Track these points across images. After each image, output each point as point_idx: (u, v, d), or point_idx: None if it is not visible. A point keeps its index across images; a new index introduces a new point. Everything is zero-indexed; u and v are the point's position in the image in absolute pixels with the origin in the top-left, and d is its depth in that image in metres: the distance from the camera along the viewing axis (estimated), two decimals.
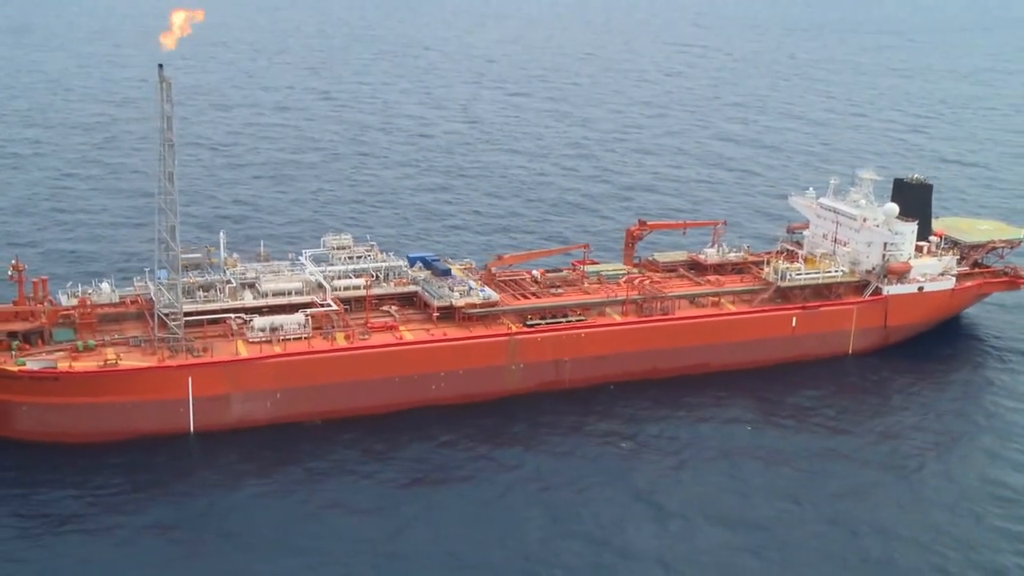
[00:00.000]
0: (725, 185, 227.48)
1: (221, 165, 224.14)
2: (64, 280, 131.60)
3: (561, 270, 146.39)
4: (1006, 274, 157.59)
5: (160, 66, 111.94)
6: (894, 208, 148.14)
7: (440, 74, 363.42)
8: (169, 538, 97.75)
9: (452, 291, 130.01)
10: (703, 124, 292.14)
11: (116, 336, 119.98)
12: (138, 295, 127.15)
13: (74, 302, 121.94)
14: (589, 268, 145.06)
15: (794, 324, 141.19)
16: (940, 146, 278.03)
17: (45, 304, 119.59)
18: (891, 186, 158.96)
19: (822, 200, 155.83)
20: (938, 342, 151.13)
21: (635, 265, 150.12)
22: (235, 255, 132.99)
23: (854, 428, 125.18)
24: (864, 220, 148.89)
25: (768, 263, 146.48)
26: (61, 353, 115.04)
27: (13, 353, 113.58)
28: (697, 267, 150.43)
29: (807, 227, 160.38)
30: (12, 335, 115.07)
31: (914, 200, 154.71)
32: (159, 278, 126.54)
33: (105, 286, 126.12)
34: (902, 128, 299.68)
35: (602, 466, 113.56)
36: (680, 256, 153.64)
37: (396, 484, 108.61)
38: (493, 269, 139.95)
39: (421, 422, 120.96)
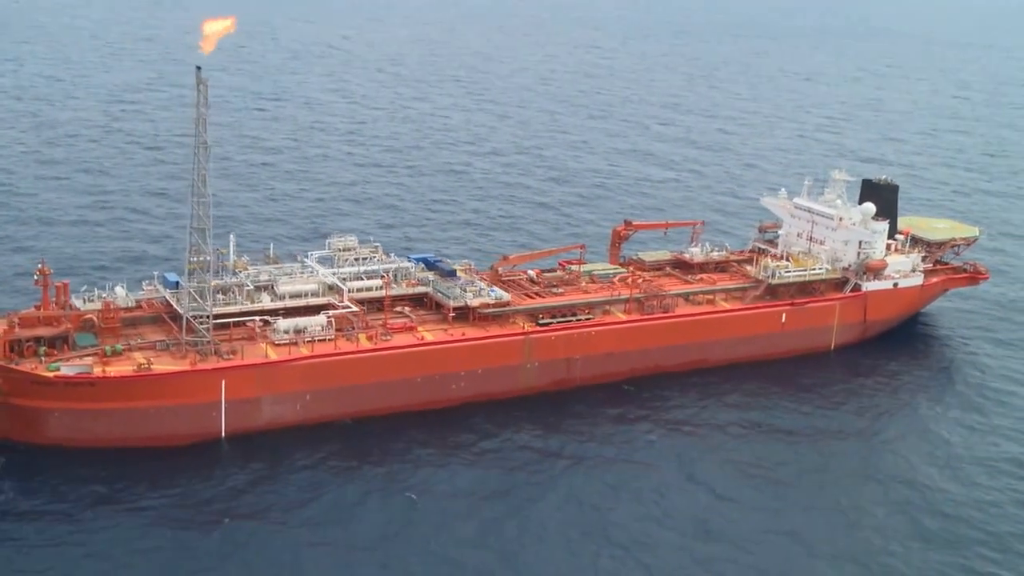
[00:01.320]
0: (668, 185, 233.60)
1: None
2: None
3: (554, 270, 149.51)
4: (966, 271, 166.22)
5: (198, 68, 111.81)
6: (871, 208, 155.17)
7: (407, 74, 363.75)
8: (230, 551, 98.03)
9: (465, 291, 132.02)
10: (633, 126, 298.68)
11: (139, 340, 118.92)
12: (150, 298, 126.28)
13: (95, 306, 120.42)
14: (578, 267, 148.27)
15: (784, 320, 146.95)
16: (863, 146, 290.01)
17: (67, 309, 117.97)
18: (859, 186, 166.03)
19: (796, 200, 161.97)
20: (909, 336, 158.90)
21: (622, 264, 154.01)
22: (244, 257, 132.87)
23: (863, 420, 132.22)
24: (841, 219, 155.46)
25: (756, 261, 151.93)
26: (90, 358, 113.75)
27: (42, 359, 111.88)
28: (683, 266, 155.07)
29: (777, 226, 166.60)
30: (39, 341, 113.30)
31: (882, 200, 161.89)
32: (167, 280, 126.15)
33: (119, 290, 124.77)
34: (813, 128, 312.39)
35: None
36: (665, 255, 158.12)
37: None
38: (500, 270, 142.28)
39: (473, 418, 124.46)
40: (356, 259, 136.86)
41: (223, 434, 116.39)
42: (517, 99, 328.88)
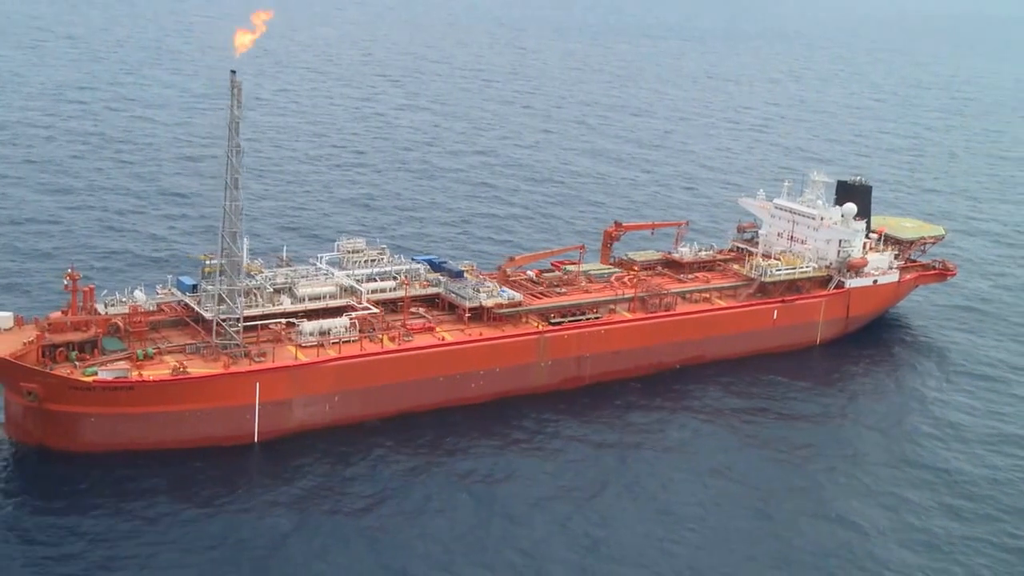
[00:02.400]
0: (634, 187, 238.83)
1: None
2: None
3: (551, 271, 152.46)
4: (935, 267, 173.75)
5: (232, 72, 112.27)
6: (853, 208, 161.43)
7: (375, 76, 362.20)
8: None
9: (479, 292, 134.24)
10: (580, 127, 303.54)
11: (166, 344, 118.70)
12: (168, 302, 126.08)
13: (117, 310, 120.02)
14: (571, 267, 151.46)
15: (775, 317, 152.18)
16: (806, 145, 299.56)
17: (94, 312, 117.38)
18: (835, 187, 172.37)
19: (777, 201, 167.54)
20: (886, 330, 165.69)
21: (616, 264, 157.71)
22: (259, 260, 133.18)
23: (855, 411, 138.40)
24: (823, 219, 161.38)
25: (747, 260, 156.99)
26: (122, 362, 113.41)
27: (76, 364, 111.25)
28: (673, 265, 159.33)
29: (755, 226, 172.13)
30: (69, 346, 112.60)
31: (856, 200, 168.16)
32: (183, 284, 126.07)
33: (139, 294, 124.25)
34: (748, 127, 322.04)
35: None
36: (655, 255, 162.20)
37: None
38: (508, 270, 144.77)
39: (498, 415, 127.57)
40: (366, 261, 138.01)
41: (256, 437, 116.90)
42: (456, 99, 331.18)
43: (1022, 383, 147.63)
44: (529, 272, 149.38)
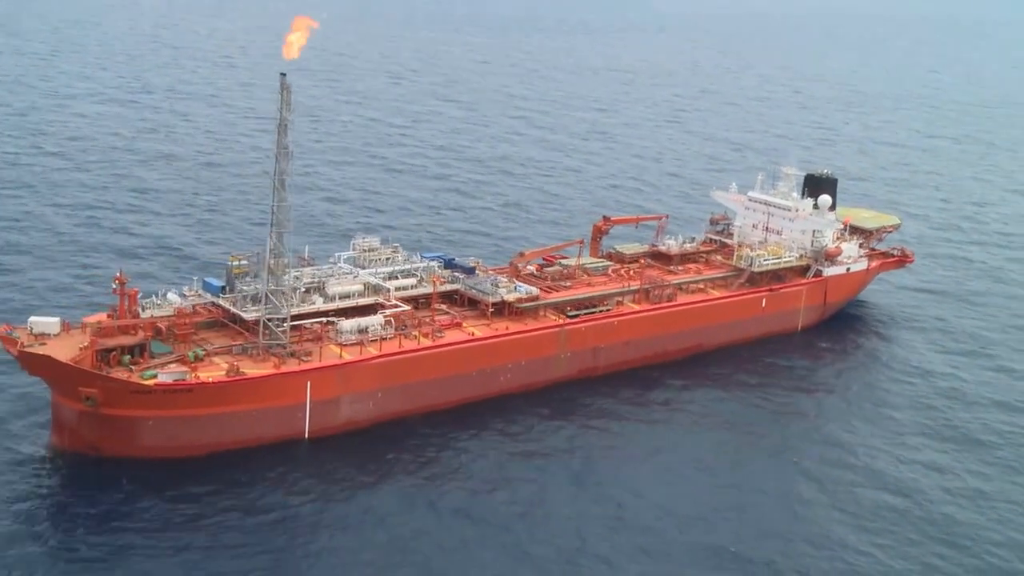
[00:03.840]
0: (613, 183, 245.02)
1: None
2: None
3: (548, 264, 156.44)
4: (895, 255, 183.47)
5: (283, 75, 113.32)
6: (828, 200, 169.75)
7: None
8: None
9: (498, 287, 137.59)
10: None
11: (210, 345, 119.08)
12: (200, 303, 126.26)
13: (163, 312, 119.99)
14: (565, 261, 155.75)
15: (764, 305, 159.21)
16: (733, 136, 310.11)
17: (140, 316, 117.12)
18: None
19: (752, 194, 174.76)
20: (859, 315, 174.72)
21: (605, 256, 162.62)
22: (284, 260, 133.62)
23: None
24: (798, 210, 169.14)
25: (736, 250, 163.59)
26: (173, 365, 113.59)
27: (132, 368, 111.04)
28: (661, 257, 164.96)
29: (727, 218, 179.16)
30: (121, 350, 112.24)
31: (824, 192, 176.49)
32: (211, 285, 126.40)
33: (173, 296, 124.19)
34: (664, 119, 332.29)
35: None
36: (642, 248, 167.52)
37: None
38: (519, 265, 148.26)
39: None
40: (383, 259, 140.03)
41: (306, 435, 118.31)
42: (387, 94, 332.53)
43: (982, 352, 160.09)
44: (530, 267, 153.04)
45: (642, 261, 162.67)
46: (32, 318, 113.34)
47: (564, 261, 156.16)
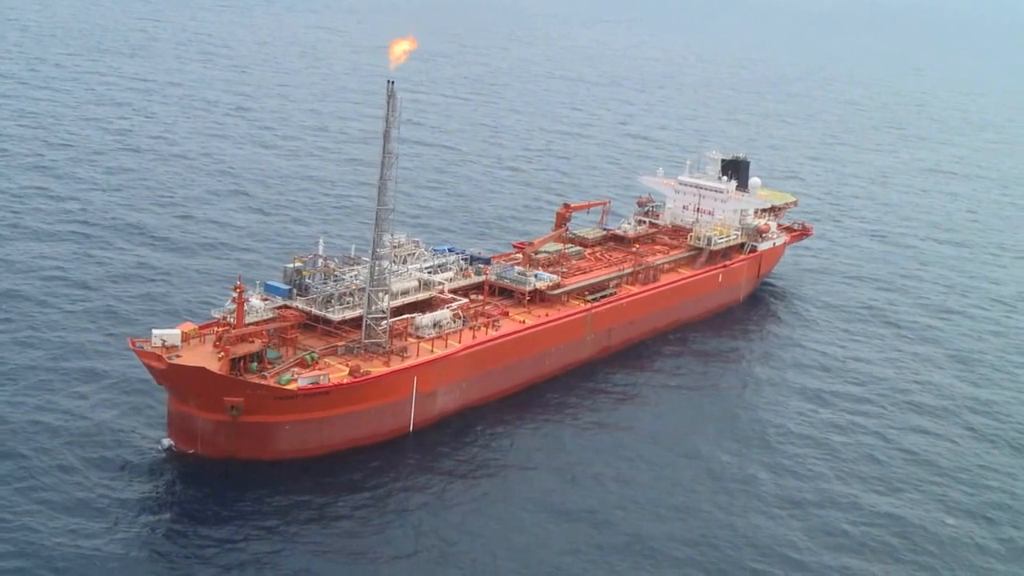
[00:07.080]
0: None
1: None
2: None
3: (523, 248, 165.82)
4: (796, 229, 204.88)
5: (390, 82, 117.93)
6: (758, 182, 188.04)
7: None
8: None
9: (527, 276, 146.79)
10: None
11: (317, 348, 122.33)
12: (276, 307, 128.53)
13: (265, 317, 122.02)
14: (543, 248, 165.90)
15: (720, 280, 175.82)
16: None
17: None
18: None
19: (682, 178, 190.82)
20: (780, 285, 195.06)
21: (569, 241, 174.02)
22: (335, 259, 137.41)
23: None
24: (729, 192, 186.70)
25: (693, 231, 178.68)
26: (296, 368, 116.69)
27: (265, 374, 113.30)
28: (618, 240, 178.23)
29: (653, 200, 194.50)
30: (248, 358, 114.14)
31: (738, 173, 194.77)
32: (277, 288, 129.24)
33: (255, 301, 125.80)
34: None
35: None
36: (600, 232, 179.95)
37: None
38: (532, 254, 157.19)
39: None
40: (409, 255, 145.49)
41: (411, 428, 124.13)
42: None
43: (868, 314, 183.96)
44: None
45: (606, 244, 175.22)
46: (156, 330, 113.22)
47: (544, 248, 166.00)
